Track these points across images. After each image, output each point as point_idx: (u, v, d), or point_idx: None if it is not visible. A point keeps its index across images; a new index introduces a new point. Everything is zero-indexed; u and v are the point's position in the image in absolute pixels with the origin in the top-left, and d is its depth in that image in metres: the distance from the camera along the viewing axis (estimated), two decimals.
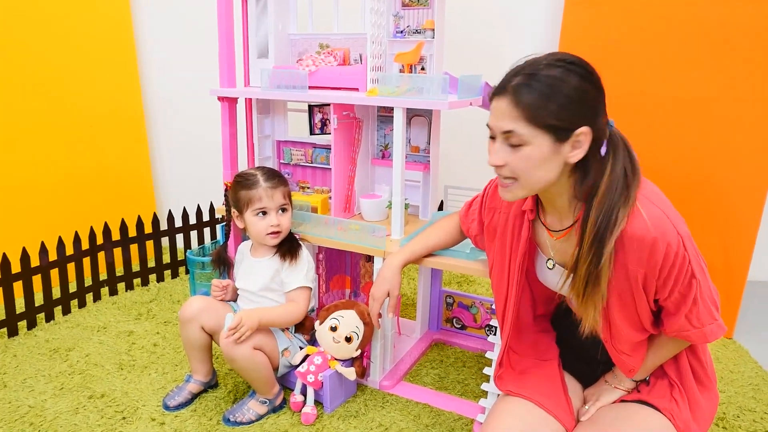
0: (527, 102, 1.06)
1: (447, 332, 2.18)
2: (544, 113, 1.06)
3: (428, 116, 1.95)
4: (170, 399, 1.73)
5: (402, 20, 1.92)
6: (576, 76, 1.07)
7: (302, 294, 1.72)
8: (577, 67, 1.08)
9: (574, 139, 1.08)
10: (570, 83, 1.06)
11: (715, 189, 2.16)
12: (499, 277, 1.39)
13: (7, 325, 2.12)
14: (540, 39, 2.52)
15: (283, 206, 1.73)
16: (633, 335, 1.22)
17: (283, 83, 1.90)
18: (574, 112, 1.07)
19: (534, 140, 1.07)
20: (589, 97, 1.08)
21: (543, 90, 1.06)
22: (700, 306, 1.15)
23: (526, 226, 1.30)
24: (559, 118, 1.06)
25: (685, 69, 2.11)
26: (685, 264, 1.10)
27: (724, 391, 1.87)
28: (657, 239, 1.08)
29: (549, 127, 1.06)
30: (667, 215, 1.11)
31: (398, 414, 1.72)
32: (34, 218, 2.47)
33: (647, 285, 1.14)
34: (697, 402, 1.27)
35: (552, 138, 1.07)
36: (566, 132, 1.07)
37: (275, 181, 1.73)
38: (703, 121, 2.13)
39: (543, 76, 1.06)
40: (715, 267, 2.19)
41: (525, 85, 1.07)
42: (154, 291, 2.57)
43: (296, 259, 1.74)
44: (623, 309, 1.18)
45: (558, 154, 1.09)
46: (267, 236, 1.71)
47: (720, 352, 2.13)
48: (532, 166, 1.10)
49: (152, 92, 2.90)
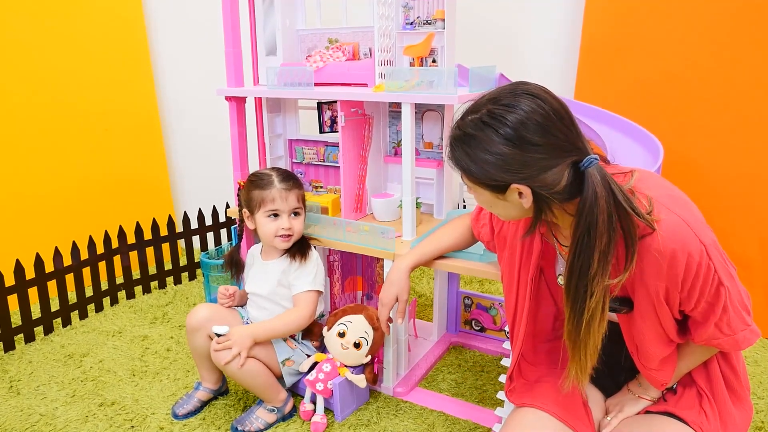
0: (456, 160, 1.06)
1: (465, 335, 2.10)
2: (473, 172, 1.04)
3: (441, 111, 1.87)
4: (179, 407, 1.70)
5: (412, 11, 1.84)
6: (501, 138, 0.99)
7: (308, 298, 1.66)
8: (508, 126, 0.98)
9: (513, 191, 1.04)
10: (491, 148, 1.00)
11: (751, 180, 2.03)
12: (508, 290, 1.32)
13: (24, 331, 2.12)
14: (560, 26, 2.41)
15: (296, 210, 1.69)
16: (660, 350, 1.12)
17: (289, 81, 1.84)
18: (503, 174, 1.01)
19: (477, 189, 1.08)
20: (513, 161, 0.99)
21: (470, 152, 1.03)
22: (730, 313, 1.05)
23: (537, 239, 1.22)
24: (489, 179, 1.03)
25: (718, 52, 1.98)
26: (711, 273, 1.00)
27: (764, 397, 1.75)
28: (676, 251, 0.98)
29: (482, 184, 1.06)
30: (687, 222, 1.00)
31: (411, 422, 1.65)
32: (50, 222, 2.47)
33: (670, 298, 1.04)
34: (728, 413, 1.18)
35: (489, 191, 1.06)
36: (501, 186, 1.04)
37: (290, 183, 1.68)
38: (735, 108, 1.99)
39: (468, 137, 1.03)
40: (751, 263, 2.06)
41: (455, 142, 1.06)
42: (170, 294, 2.55)
43: (305, 259, 1.68)
44: (646, 324, 1.09)
45: (506, 200, 1.07)
46: (277, 238, 1.66)
47: (759, 354, 2.00)
48: (486, 204, 1.12)
49: (166, 94, 2.89)
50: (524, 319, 1.27)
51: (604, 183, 0.99)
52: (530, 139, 0.99)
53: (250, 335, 1.57)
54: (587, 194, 0.99)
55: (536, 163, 1.00)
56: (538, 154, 1.00)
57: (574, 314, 1.04)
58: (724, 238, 1.33)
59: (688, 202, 1.06)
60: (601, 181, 0.99)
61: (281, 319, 1.65)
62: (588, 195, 0.99)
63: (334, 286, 2.06)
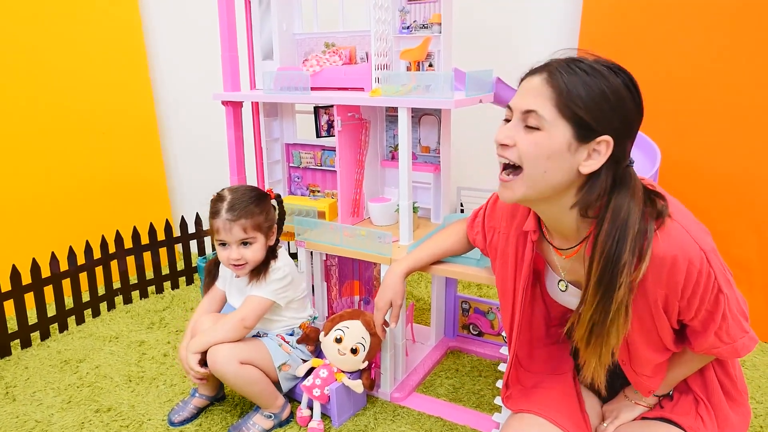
0: (563, 84, 0.96)
1: (463, 339, 2.10)
2: (577, 101, 0.95)
3: (438, 115, 1.87)
4: (175, 414, 1.69)
5: (408, 15, 1.84)
6: (621, 82, 0.97)
7: (252, 302, 1.61)
8: (625, 76, 0.98)
9: (594, 145, 0.97)
10: (613, 84, 0.96)
11: (749, 183, 2.02)
12: (503, 299, 1.30)
13: (20, 336, 2.12)
14: (557, 30, 2.40)
15: (244, 240, 1.58)
16: (654, 357, 1.12)
17: (286, 85, 1.84)
18: (606, 115, 0.96)
19: (552, 128, 0.97)
20: (626, 108, 0.97)
21: (583, 78, 0.95)
22: (729, 321, 1.05)
23: (529, 248, 1.20)
24: (590, 113, 0.95)
25: (715, 54, 1.98)
26: (711, 281, 1.00)
27: (763, 402, 1.74)
28: (677, 257, 0.98)
29: (575, 118, 0.96)
30: (687, 229, 1.00)
31: (409, 428, 1.64)
32: (47, 227, 2.47)
33: (669, 306, 1.03)
34: (726, 418, 1.17)
35: (572, 132, 0.96)
36: (589, 132, 0.96)
37: (236, 213, 1.56)
38: (733, 111, 1.99)
39: (588, 67, 0.97)
40: (750, 266, 2.06)
41: (567, 67, 0.97)
42: (168, 298, 2.54)
43: (264, 276, 1.63)
44: (643, 332, 1.08)
45: (571, 155, 0.98)
46: (230, 266, 1.63)
47: (757, 358, 1.99)
48: (541, 154, 0.98)
49: (164, 98, 2.88)
50: (519, 327, 1.26)
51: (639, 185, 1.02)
52: (638, 99, 0.99)
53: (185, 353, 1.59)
54: (631, 185, 1.00)
55: (631, 125, 1.00)
56: (636, 116, 1.00)
57: (602, 305, 1.00)
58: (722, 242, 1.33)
59: (685, 209, 1.06)
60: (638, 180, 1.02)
61: (219, 329, 1.59)
62: (632, 186, 1.00)
63: (332, 290, 2.05)
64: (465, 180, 2.18)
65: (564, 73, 0.96)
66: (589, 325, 1.03)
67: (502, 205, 1.31)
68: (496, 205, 1.34)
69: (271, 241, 1.65)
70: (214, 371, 1.57)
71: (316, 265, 1.90)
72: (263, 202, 1.64)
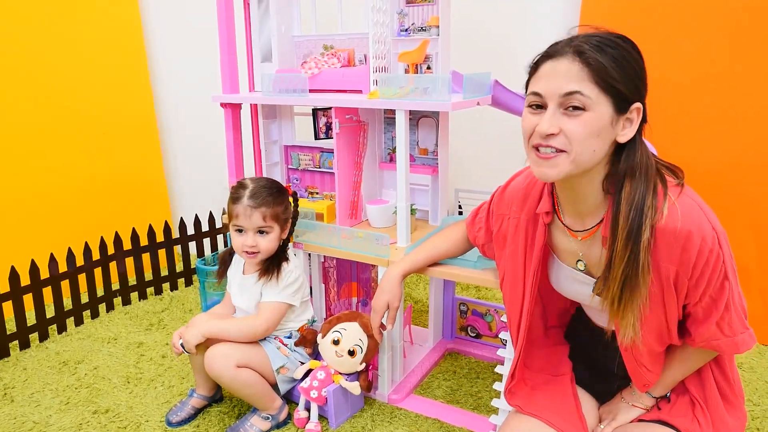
0: (598, 62, 0.97)
1: (461, 341, 2.10)
2: (613, 74, 0.97)
3: (436, 117, 1.87)
4: (173, 415, 1.69)
5: (406, 18, 1.85)
6: (632, 47, 1.02)
7: (270, 308, 1.64)
8: (630, 41, 1.03)
9: (628, 114, 1.01)
10: (630, 52, 1.01)
11: (747, 184, 2.02)
12: (512, 287, 1.30)
13: (18, 337, 2.12)
14: (555, 32, 2.40)
15: (261, 228, 1.62)
16: (655, 344, 1.13)
17: (284, 87, 1.84)
18: (637, 84, 1.01)
19: (596, 106, 0.98)
20: (644, 72, 1.03)
21: (609, 52, 0.98)
22: (732, 312, 1.06)
23: (541, 230, 1.21)
24: (626, 85, 0.99)
25: (713, 56, 1.99)
26: (720, 263, 1.02)
27: (760, 404, 1.75)
28: (692, 232, 1.00)
29: (615, 92, 0.98)
30: (702, 209, 1.03)
31: (406, 430, 1.64)
32: (45, 228, 2.47)
33: (679, 284, 1.05)
34: (722, 421, 1.18)
35: (613, 106, 0.99)
36: (626, 103, 1.00)
37: (258, 200, 1.60)
38: (731, 112, 2.00)
39: (606, 40, 0.99)
40: (748, 267, 2.06)
41: (595, 46, 0.98)
42: (167, 300, 2.55)
43: (279, 274, 1.65)
44: (652, 313, 1.08)
45: (613, 128, 1.01)
46: (243, 253, 1.65)
47: (755, 360, 1.99)
48: (590, 134, 0.99)
49: (163, 100, 2.88)
50: (527, 316, 1.26)
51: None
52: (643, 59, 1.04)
53: (198, 330, 1.60)
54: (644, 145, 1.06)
55: (647, 86, 1.04)
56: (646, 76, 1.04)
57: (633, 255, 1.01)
58: None
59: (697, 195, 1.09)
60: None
61: (235, 324, 1.64)
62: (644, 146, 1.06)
63: (329, 292, 2.05)
64: (463, 182, 2.18)
65: (591, 50, 0.98)
66: (621, 279, 1.03)
67: (514, 189, 1.30)
68: (506, 191, 1.33)
69: (284, 235, 1.69)
70: (210, 373, 1.57)
71: (314, 267, 1.91)
72: (282, 195, 1.68)
